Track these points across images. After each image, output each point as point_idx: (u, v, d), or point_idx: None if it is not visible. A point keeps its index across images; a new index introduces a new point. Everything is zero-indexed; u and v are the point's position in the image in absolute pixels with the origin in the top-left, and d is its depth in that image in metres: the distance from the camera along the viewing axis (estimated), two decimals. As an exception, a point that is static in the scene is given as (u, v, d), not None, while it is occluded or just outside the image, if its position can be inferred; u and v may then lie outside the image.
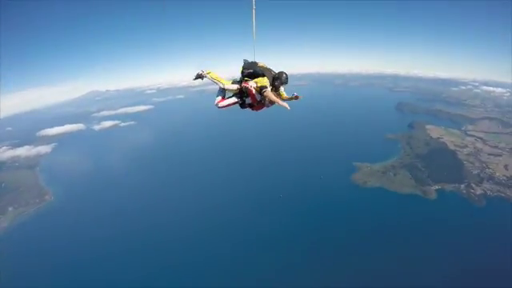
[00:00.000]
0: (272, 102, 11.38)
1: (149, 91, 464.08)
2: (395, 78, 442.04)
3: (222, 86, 11.66)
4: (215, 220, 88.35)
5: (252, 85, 11.37)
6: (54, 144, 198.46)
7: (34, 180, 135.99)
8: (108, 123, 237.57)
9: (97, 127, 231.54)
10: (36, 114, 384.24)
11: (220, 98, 11.80)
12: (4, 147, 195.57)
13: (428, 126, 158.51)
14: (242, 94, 11.74)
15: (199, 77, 11.51)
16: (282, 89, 12.09)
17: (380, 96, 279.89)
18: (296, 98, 12.24)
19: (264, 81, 11.38)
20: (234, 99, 11.78)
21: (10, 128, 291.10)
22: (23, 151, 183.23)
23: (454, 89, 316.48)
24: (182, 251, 78.16)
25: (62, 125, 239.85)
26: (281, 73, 11.68)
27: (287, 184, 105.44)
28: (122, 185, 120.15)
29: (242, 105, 11.88)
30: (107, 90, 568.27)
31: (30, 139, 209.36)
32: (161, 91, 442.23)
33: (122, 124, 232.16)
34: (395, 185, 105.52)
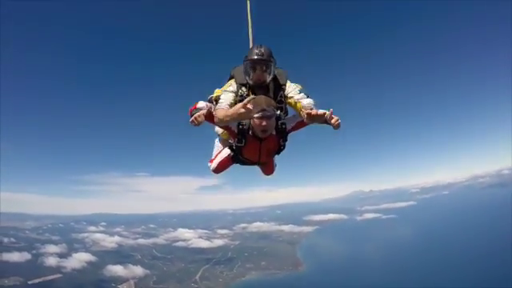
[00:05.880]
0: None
1: (413, 190, 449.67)
2: None
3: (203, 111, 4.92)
4: None
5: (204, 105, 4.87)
6: (316, 227, 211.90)
7: (291, 252, 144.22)
8: (370, 215, 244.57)
9: (358, 218, 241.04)
10: (302, 205, 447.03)
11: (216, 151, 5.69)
12: (272, 223, 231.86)
13: None
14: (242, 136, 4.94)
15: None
16: (292, 90, 4.82)
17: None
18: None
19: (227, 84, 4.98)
20: (227, 151, 5.31)
21: (279, 211, 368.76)
22: (287, 228, 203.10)
23: None
24: None
25: (326, 214, 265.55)
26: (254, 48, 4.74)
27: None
28: (374, 272, 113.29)
29: (236, 159, 5.30)
30: (371, 190, 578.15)
31: (295, 221, 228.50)
32: (425, 189, 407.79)
33: (384, 217, 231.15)
34: None
